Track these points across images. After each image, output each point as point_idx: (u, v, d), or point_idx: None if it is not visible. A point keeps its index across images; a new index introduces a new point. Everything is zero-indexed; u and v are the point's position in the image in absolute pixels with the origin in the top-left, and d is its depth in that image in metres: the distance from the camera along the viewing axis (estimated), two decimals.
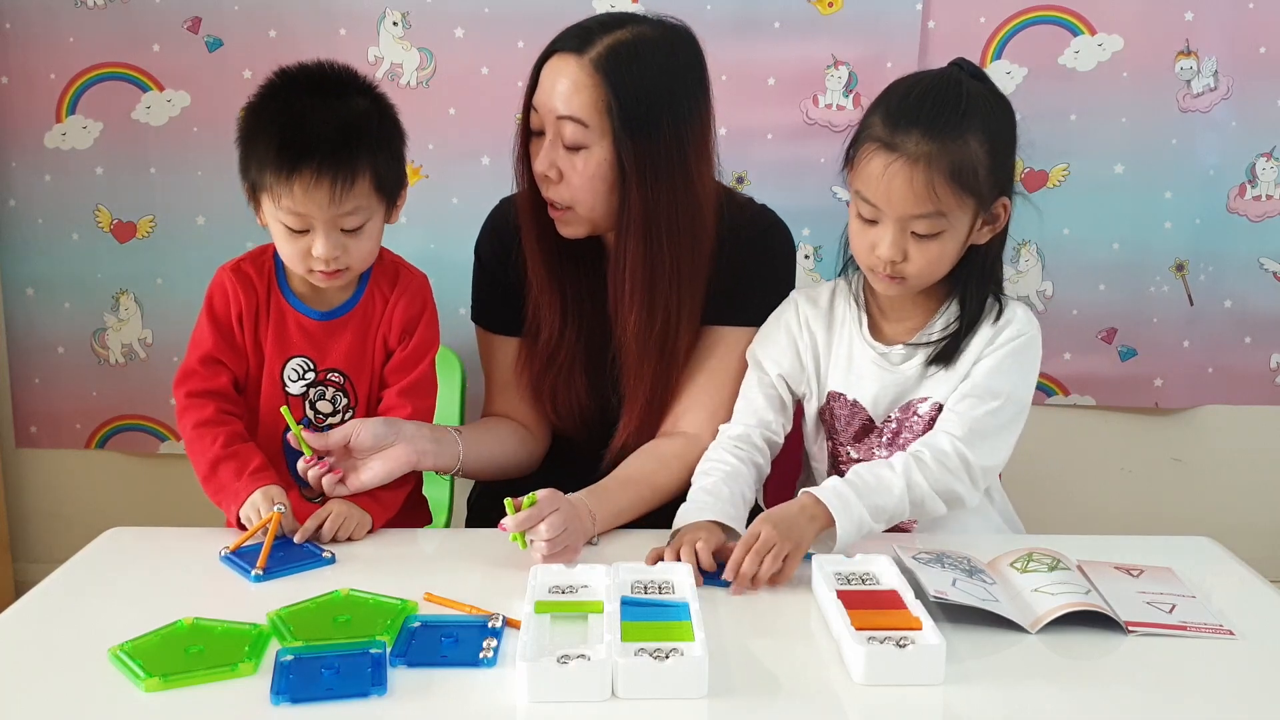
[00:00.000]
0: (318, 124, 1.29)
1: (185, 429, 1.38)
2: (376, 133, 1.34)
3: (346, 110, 1.32)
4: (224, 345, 1.39)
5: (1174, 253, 2.19)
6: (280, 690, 0.95)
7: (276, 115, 1.31)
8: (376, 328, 1.43)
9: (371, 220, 1.35)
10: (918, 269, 1.29)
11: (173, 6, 2.14)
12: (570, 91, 1.34)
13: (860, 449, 1.41)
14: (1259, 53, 2.11)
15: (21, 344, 2.32)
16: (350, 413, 1.44)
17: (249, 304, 1.39)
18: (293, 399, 1.41)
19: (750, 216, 1.50)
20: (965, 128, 1.25)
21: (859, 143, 1.30)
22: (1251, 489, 2.33)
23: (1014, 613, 1.09)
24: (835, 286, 1.45)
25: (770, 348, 1.45)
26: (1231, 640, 1.07)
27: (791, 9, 2.10)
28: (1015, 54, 2.11)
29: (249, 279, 1.40)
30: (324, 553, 1.26)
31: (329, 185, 1.28)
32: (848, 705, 0.96)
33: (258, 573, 1.19)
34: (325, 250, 1.31)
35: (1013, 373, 1.33)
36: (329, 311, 1.42)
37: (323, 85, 1.34)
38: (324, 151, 1.27)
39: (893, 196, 1.25)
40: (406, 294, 1.43)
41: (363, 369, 1.43)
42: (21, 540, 2.43)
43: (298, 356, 1.41)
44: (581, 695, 0.94)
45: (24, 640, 1.08)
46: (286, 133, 1.29)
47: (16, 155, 2.22)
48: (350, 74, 1.37)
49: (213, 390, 1.38)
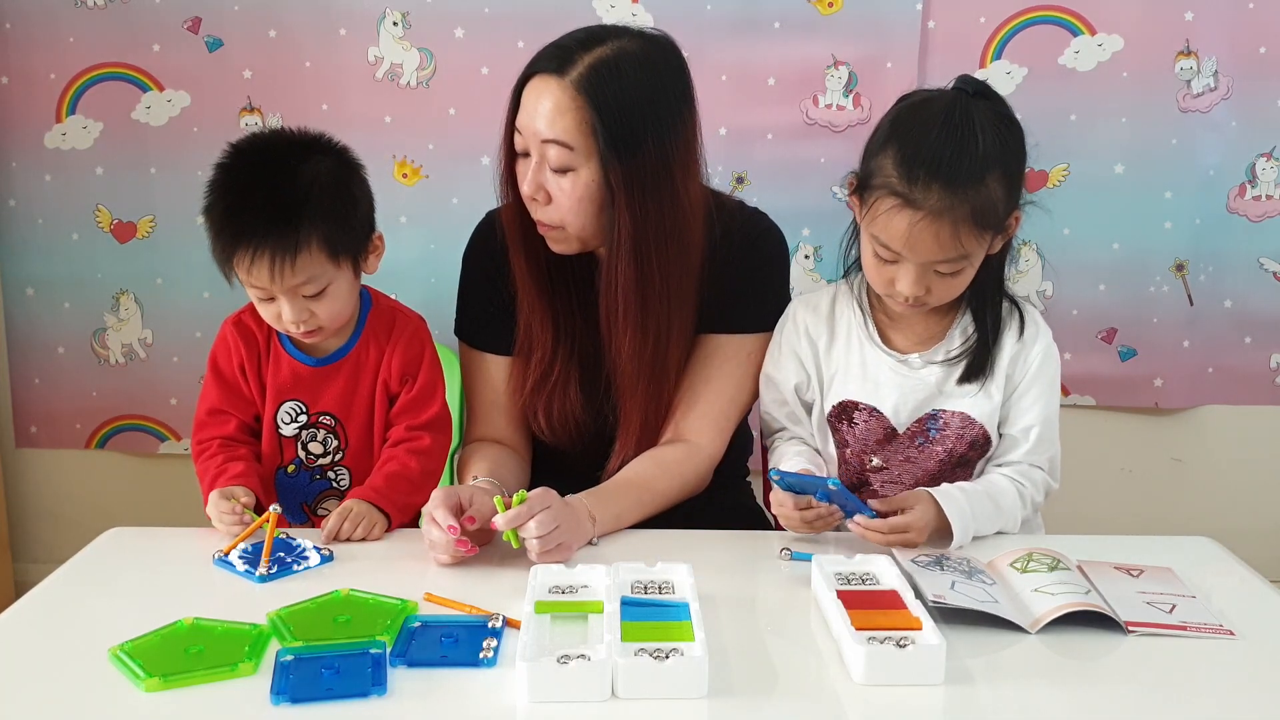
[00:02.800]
0: (257, 199, 1.30)
1: (196, 467, 1.42)
2: (320, 202, 1.31)
3: (290, 184, 1.31)
4: (228, 396, 1.44)
5: (1174, 253, 2.19)
6: (280, 690, 0.95)
7: (222, 194, 1.32)
8: (371, 373, 1.44)
9: (334, 283, 1.34)
10: (939, 297, 1.31)
11: (173, 6, 2.14)
12: (553, 114, 1.32)
13: (884, 455, 1.41)
14: (1259, 53, 2.11)
15: (21, 344, 2.32)
16: (340, 454, 1.46)
17: (250, 354, 1.43)
18: (285, 440, 1.44)
19: (741, 223, 1.49)
20: (984, 171, 1.24)
21: (873, 187, 1.28)
22: (1251, 489, 2.33)
23: (1013, 613, 1.09)
24: (836, 291, 1.45)
25: (777, 367, 1.46)
26: (1232, 640, 1.07)
27: (791, 9, 2.10)
28: (1015, 54, 2.11)
29: (249, 330, 1.44)
30: (322, 550, 1.26)
31: (268, 263, 1.29)
32: (848, 705, 0.96)
33: (262, 573, 1.19)
34: (291, 315, 1.33)
35: (1052, 396, 1.38)
36: (322, 358, 1.44)
37: (273, 157, 1.34)
38: (259, 232, 1.28)
39: (917, 248, 1.25)
40: (404, 338, 1.44)
41: (354, 413, 1.45)
42: (21, 540, 2.43)
43: (290, 400, 1.43)
44: (581, 695, 0.94)
45: (24, 640, 1.08)
46: (227, 214, 1.31)
47: (16, 155, 2.22)
48: (307, 140, 1.36)
49: (219, 436, 1.43)
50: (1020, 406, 1.37)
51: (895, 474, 1.40)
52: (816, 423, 1.45)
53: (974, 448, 1.38)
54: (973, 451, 1.38)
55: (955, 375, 1.36)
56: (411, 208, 2.17)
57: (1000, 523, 1.32)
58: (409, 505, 1.38)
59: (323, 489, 1.47)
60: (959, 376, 1.36)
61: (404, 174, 2.19)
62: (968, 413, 1.36)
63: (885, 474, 1.41)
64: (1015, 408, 1.37)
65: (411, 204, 2.18)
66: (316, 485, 1.47)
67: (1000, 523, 1.32)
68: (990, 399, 1.36)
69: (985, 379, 1.36)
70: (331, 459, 1.46)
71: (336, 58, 2.14)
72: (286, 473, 1.45)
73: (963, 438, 1.37)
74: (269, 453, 1.44)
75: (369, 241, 1.40)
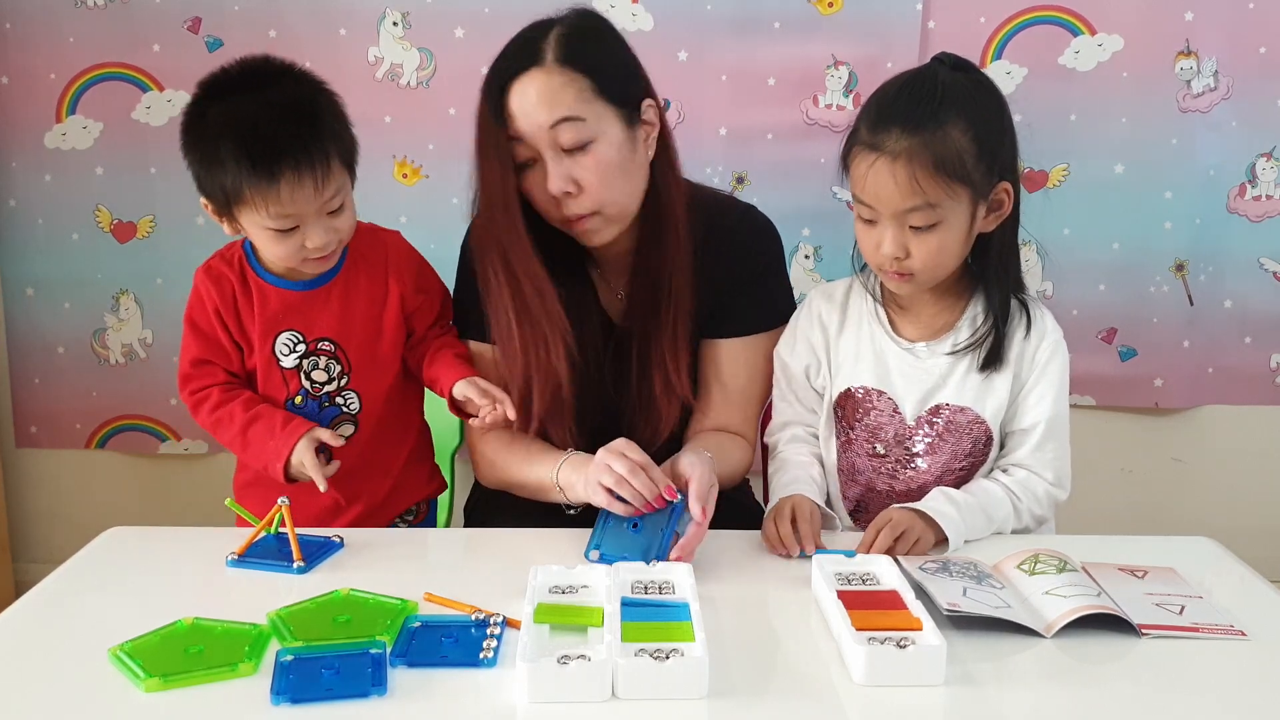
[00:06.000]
0: (275, 125, 1.28)
1: (203, 420, 1.44)
2: (325, 112, 1.34)
3: (292, 102, 1.31)
4: (208, 346, 1.43)
5: (1174, 253, 2.19)
6: (280, 690, 0.95)
7: (227, 128, 1.28)
8: (364, 292, 1.45)
9: (349, 194, 1.37)
10: (922, 263, 1.30)
11: (173, 6, 2.14)
12: (550, 98, 1.30)
13: (897, 450, 1.41)
14: (1259, 53, 2.11)
15: (21, 344, 2.32)
16: (345, 379, 1.46)
17: (224, 296, 1.42)
18: (287, 372, 1.44)
19: (736, 219, 1.49)
20: (943, 118, 1.25)
21: (849, 147, 1.32)
22: (1251, 489, 2.33)
23: (1027, 618, 1.08)
24: (852, 282, 1.47)
25: (790, 351, 1.47)
26: (1244, 641, 1.07)
27: (791, 9, 2.10)
28: (1015, 54, 2.11)
29: (219, 273, 1.43)
30: (333, 538, 1.28)
31: (311, 180, 1.29)
32: (848, 705, 0.96)
33: (299, 564, 1.20)
34: (320, 240, 1.33)
35: (1060, 392, 1.37)
36: (310, 281, 1.43)
37: (252, 83, 1.32)
38: (296, 149, 1.28)
39: (880, 194, 1.27)
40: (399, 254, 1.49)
41: (352, 335, 1.45)
42: (21, 540, 2.43)
43: (286, 330, 1.43)
44: (581, 696, 0.94)
45: (24, 640, 1.08)
46: (250, 143, 1.27)
47: (16, 155, 2.22)
48: (267, 63, 1.35)
49: (212, 383, 1.44)
50: (1026, 404, 1.37)
51: (895, 471, 1.41)
52: (825, 412, 1.45)
53: (977, 446, 1.38)
54: (975, 450, 1.38)
55: (962, 366, 1.37)
56: (411, 208, 2.17)
57: (990, 530, 1.32)
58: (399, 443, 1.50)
59: (334, 415, 1.47)
60: (970, 367, 1.36)
61: (404, 174, 2.19)
62: (972, 408, 1.36)
63: (887, 474, 1.41)
64: (1021, 405, 1.37)
65: (411, 204, 2.18)
66: (328, 413, 1.46)
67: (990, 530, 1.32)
68: (996, 395, 1.36)
69: (992, 371, 1.36)
70: (337, 384, 1.45)
71: (336, 58, 2.14)
72: (295, 404, 1.45)
73: (967, 434, 1.37)
74: (275, 386, 1.44)
75: (356, 149, 1.39)
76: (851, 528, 1.44)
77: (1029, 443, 1.37)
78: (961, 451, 1.38)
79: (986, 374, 1.36)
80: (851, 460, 1.44)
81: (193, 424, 2.29)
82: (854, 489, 1.45)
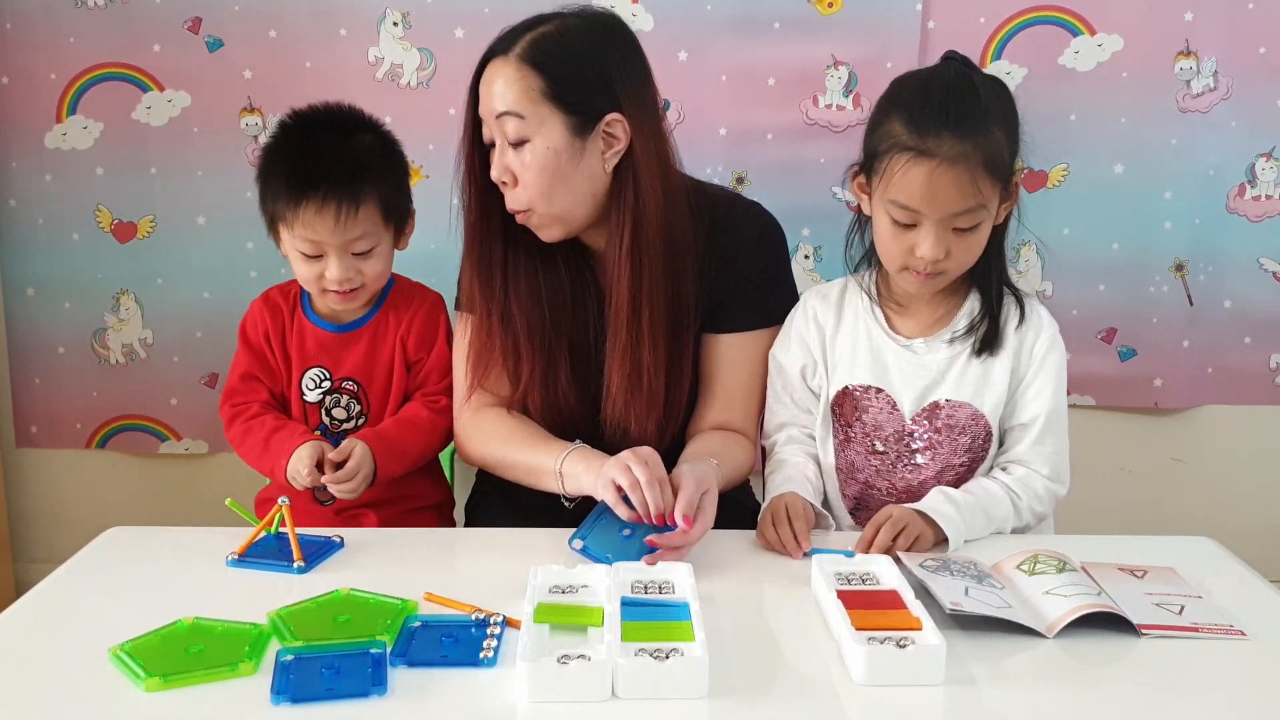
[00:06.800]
0: (324, 156, 1.44)
1: (234, 430, 1.54)
2: (380, 165, 1.48)
3: (352, 145, 1.46)
4: (258, 364, 1.56)
5: (1174, 253, 2.19)
6: (280, 690, 0.95)
7: (289, 151, 1.46)
8: (390, 340, 1.54)
9: (381, 245, 1.49)
10: (957, 262, 1.32)
11: (173, 6, 2.14)
12: (504, 89, 1.34)
13: (897, 448, 1.41)
14: (1259, 53, 2.11)
15: (21, 344, 2.32)
16: (363, 419, 1.55)
17: (275, 325, 1.56)
18: (310, 406, 1.53)
19: (739, 217, 1.49)
20: (989, 120, 1.27)
21: (881, 154, 1.30)
22: (1251, 489, 2.33)
23: (1028, 618, 1.08)
24: (846, 282, 1.47)
25: (785, 352, 1.47)
26: (1244, 641, 1.07)
27: (791, 9, 2.10)
28: (1015, 54, 2.11)
29: (275, 303, 1.58)
30: (333, 538, 1.28)
31: (334, 210, 1.42)
32: (848, 705, 0.96)
33: (300, 564, 1.21)
34: (338, 272, 1.45)
35: (1058, 386, 1.38)
36: (345, 324, 1.56)
37: (331, 124, 1.49)
38: (330, 180, 1.42)
39: (938, 198, 1.26)
40: (425, 307, 1.57)
41: (374, 378, 1.55)
42: (21, 540, 2.43)
43: (315, 367, 1.53)
44: (581, 695, 0.94)
45: (24, 640, 1.08)
46: (296, 166, 1.44)
47: (16, 155, 2.22)
48: (357, 114, 1.52)
49: (254, 400, 1.55)
50: (1025, 398, 1.37)
51: (895, 468, 1.41)
52: (822, 412, 1.45)
53: (976, 442, 1.38)
54: (975, 447, 1.38)
55: (960, 361, 1.37)
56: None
57: (990, 529, 1.33)
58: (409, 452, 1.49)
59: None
60: (967, 360, 1.37)
61: None
62: (970, 403, 1.37)
63: (886, 471, 1.41)
64: (1020, 399, 1.38)
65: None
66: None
67: (990, 529, 1.33)
68: (994, 389, 1.36)
69: (989, 356, 1.36)
70: (355, 424, 1.56)
71: (337, 58, 2.14)
72: None
73: (966, 430, 1.37)
74: (296, 419, 1.54)
75: (410, 214, 1.54)
76: (851, 527, 1.44)
77: (1028, 437, 1.37)
78: (961, 448, 1.38)
79: (984, 361, 1.36)
80: (850, 459, 1.44)
81: (193, 424, 2.32)
82: (853, 487, 1.45)
